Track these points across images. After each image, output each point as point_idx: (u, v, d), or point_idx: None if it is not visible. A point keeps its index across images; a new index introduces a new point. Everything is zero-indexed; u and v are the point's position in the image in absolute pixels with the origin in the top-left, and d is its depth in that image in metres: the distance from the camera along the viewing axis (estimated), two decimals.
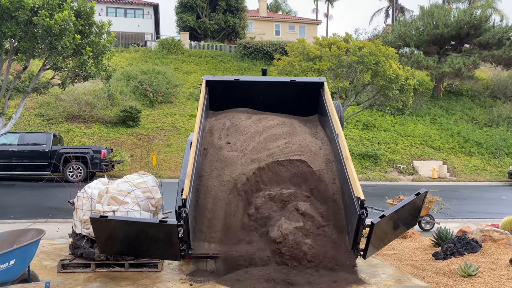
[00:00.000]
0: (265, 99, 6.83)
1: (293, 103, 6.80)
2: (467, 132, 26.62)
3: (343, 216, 5.10)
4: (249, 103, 6.86)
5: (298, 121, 6.54)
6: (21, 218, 8.50)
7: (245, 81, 6.84)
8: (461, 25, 27.86)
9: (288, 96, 6.78)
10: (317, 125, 6.59)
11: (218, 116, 6.71)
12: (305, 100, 6.77)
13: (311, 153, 5.68)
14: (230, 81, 6.77)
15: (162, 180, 6.21)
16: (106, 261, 4.92)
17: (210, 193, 5.28)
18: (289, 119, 6.52)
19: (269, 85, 6.84)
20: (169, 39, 33.28)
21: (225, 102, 6.86)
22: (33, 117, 21.76)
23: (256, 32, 41.72)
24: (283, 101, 6.82)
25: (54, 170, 15.38)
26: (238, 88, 6.76)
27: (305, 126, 6.44)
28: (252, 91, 6.80)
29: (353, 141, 23.57)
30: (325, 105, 6.27)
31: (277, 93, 6.80)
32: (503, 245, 6.11)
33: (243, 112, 6.69)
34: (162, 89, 25.55)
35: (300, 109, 6.83)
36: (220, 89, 6.76)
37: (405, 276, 5.06)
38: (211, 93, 6.68)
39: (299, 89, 6.75)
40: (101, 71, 17.35)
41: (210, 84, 6.66)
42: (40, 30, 14.23)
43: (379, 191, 15.43)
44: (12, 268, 3.45)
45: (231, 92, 6.81)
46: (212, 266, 5.06)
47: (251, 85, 6.85)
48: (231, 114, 6.63)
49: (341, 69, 20.12)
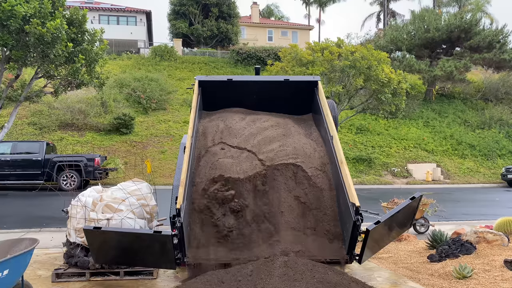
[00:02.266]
0: (259, 98, 6.74)
1: (287, 102, 6.72)
2: (460, 135, 26.82)
3: (338, 222, 5.11)
4: (243, 103, 6.76)
5: (292, 121, 6.46)
6: (14, 228, 8.42)
7: (239, 80, 6.76)
8: (452, 29, 28.15)
9: (282, 96, 6.71)
10: (311, 125, 6.53)
11: (212, 117, 6.60)
12: (299, 99, 6.70)
13: (305, 155, 5.66)
14: (223, 81, 6.69)
15: (156, 187, 6.19)
16: (101, 269, 4.89)
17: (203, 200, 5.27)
18: (283, 119, 6.43)
19: (263, 85, 6.77)
20: (162, 46, 33.31)
21: (218, 102, 6.75)
22: (26, 126, 21.63)
23: (249, 38, 41.87)
24: (277, 101, 6.73)
25: (48, 179, 15.28)
26: (232, 88, 6.66)
27: (299, 127, 6.39)
28: (245, 90, 6.71)
29: (347, 145, 23.64)
30: (319, 104, 6.22)
31: (271, 92, 6.72)
32: (497, 246, 6.15)
33: (236, 113, 6.59)
34: (156, 96, 25.53)
35: (294, 108, 6.76)
36: (213, 89, 6.66)
37: (400, 279, 5.07)
38: (204, 94, 6.57)
39: (293, 89, 6.68)
40: (94, 78, 17.31)
41: (203, 84, 6.56)
42: (32, 39, 14.19)
43: (373, 194, 15.47)
44: (6, 278, 3.42)
45: (225, 92, 6.71)
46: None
47: (245, 85, 6.76)
48: (224, 115, 6.53)
49: (334, 73, 20.24)
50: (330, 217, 5.17)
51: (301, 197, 5.32)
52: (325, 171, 5.56)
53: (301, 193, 5.38)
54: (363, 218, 4.55)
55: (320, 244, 4.93)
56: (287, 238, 4.96)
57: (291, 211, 5.21)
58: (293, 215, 5.16)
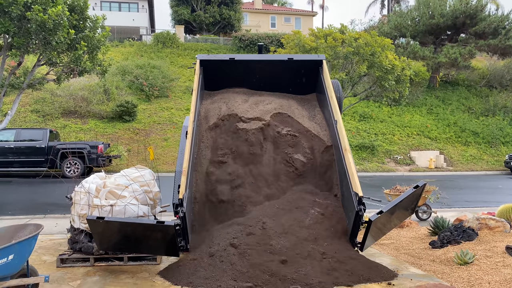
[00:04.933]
0: (262, 78, 6.58)
1: (291, 81, 6.57)
2: (464, 122, 26.70)
3: (342, 209, 5.14)
4: (246, 82, 6.62)
5: (296, 103, 6.32)
6: (19, 215, 8.50)
7: (241, 60, 6.58)
8: (457, 15, 27.81)
9: (285, 75, 6.56)
10: (315, 106, 6.40)
11: (214, 97, 6.46)
12: (303, 79, 6.54)
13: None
14: (225, 60, 6.48)
15: (159, 174, 6.20)
16: (105, 255, 4.94)
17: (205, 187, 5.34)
18: (287, 101, 6.30)
19: (266, 64, 6.59)
20: (164, 33, 33.09)
21: (220, 81, 6.60)
22: (29, 113, 21.67)
23: (252, 25, 41.52)
24: (280, 80, 6.57)
25: (51, 166, 15.36)
26: (234, 67, 6.49)
27: (303, 109, 6.27)
28: (248, 70, 6.55)
29: (350, 133, 23.59)
30: (324, 85, 6.06)
31: (274, 71, 6.56)
32: (499, 232, 6.16)
33: (239, 94, 6.43)
34: (158, 83, 25.46)
35: (298, 88, 6.62)
36: (215, 69, 6.49)
37: (402, 265, 5.10)
38: (205, 73, 6.42)
39: (297, 67, 6.52)
40: (96, 66, 17.25)
41: (205, 64, 6.39)
42: (34, 25, 14.11)
43: (376, 182, 15.49)
44: (11, 263, 3.46)
45: (227, 71, 6.54)
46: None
47: (247, 64, 6.58)
48: (227, 96, 6.39)
49: (337, 60, 20.08)
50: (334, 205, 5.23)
51: (296, 163, 5.52)
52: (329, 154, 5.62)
53: (299, 162, 5.51)
54: (366, 208, 4.57)
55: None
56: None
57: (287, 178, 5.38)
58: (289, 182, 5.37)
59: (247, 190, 5.25)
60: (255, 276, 4.04)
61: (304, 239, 4.53)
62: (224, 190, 5.27)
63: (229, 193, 5.26)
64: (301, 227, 4.71)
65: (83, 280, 4.40)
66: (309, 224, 4.77)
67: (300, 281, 3.99)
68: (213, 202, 5.26)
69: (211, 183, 5.34)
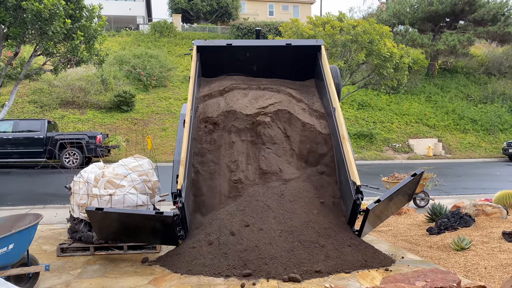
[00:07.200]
0: (260, 63, 6.50)
1: (289, 67, 6.50)
2: (462, 110, 26.70)
3: (340, 197, 5.18)
4: (243, 68, 6.54)
5: (295, 95, 6.24)
6: (19, 205, 8.52)
7: (239, 45, 6.49)
8: (456, 1, 27.62)
9: (284, 60, 6.47)
10: (313, 93, 6.36)
11: (212, 85, 6.37)
12: (302, 64, 6.46)
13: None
14: (223, 45, 6.39)
15: (158, 164, 6.21)
16: (104, 244, 4.97)
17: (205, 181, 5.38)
18: (287, 96, 6.23)
19: (264, 49, 6.51)
20: (161, 22, 32.83)
21: (218, 68, 6.51)
22: (27, 104, 21.60)
23: (250, 13, 41.22)
24: (278, 65, 6.50)
25: (50, 156, 15.36)
26: (232, 52, 6.40)
27: (302, 101, 6.20)
28: (246, 55, 6.46)
29: (348, 121, 23.59)
30: (322, 71, 6.00)
31: (272, 57, 6.48)
32: (496, 218, 6.21)
33: (238, 83, 6.35)
34: (156, 73, 25.35)
35: (297, 73, 6.55)
36: (212, 55, 6.38)
37: (399, 251, 5.14)
38: (203, 60, 6.32)
39: (295, 53, 6.43)
40: (93, 55, 17.17)
41: (202, 50, 6.29)
42: (30, 15, 14.01)
43: (374, 169, 15.54)
44: (11, 252, 3.48)
45: (224, 57, 6.45)
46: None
47: (245, 50, 6.48)
48: (224, 83, 6.31)
49: (335, 48, 19.99)
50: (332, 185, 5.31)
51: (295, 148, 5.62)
52: (327, 142, 5.64)
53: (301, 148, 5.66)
54: (363, 197, 4.60)
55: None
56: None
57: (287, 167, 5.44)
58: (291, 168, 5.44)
59: (247, 186, 5.29)
60: (254, 263, 4.09)
61: (303, 227, 4.57)
62: (223, 184, 5.35)
63: (228, 185, 5.33)
64: (299, 214, 4.75)
65: (84, 269, 4.43)
66: (307, 211, 4.80)
67: (299, 268, 4.03)
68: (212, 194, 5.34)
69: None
